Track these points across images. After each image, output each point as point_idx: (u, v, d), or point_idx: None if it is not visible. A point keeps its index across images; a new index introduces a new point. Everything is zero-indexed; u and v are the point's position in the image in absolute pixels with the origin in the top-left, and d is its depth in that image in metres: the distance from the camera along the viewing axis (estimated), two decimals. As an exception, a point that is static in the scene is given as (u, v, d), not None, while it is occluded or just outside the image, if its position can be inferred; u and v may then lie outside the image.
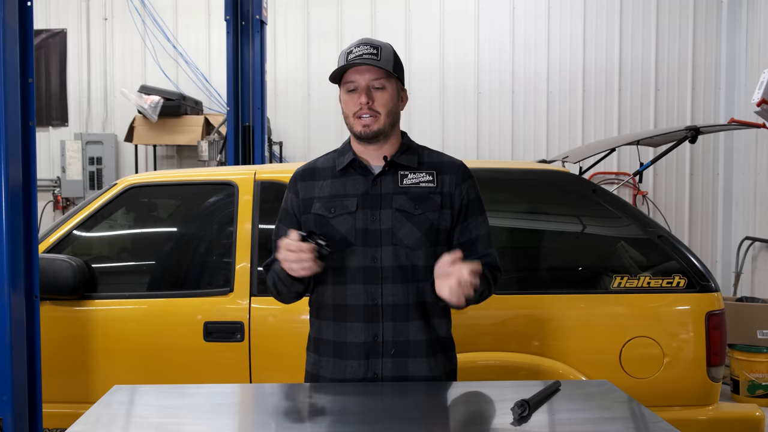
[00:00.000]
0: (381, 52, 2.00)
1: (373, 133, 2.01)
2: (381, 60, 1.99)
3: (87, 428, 1.63)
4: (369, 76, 1.99)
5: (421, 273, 2.01)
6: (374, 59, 1.98)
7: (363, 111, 2.00)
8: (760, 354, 5.12)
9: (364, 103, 1.99)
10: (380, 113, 2.01)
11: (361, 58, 1.97)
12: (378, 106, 2.00)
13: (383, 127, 2.02)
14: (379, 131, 2.01)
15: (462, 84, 7.43)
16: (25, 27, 2.59)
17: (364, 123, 2.00)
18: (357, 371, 2.00)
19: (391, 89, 2.03)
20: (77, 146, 7.49)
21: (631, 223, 3.03)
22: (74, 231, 3.14)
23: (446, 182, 2.07)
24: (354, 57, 1.98)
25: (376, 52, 1.99)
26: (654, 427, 1.65)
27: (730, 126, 4.92)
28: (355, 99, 2.01)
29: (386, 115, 2.01)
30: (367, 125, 2.00)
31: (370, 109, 1.99)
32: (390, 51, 2.04)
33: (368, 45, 2.00)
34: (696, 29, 7.23)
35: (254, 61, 5.37)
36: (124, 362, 2.98)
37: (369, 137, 2.02)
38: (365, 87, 2.00)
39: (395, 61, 2.04)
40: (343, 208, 2.03)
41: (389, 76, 2.02)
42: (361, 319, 2.00)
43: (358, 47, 2.00)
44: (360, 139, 2.04)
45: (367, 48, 1.99)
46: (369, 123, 2.00)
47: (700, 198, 7.29)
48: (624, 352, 2.87)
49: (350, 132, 2.07)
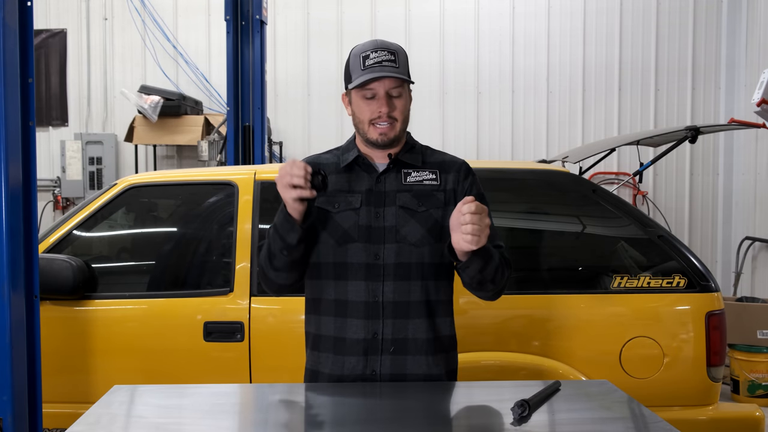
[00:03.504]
0: (398, 58, 1.99)
1: (390, 141, 2.01)
2: (399, 67, 1.98)
3: (87, 428, 1.63)
4: (389, 84, 1.98)
5: (423, 270, 2.01)
6: (394, 67, 1.96)
7: (382, 119, 1.99)
8: (760, 354, 5.12)
9: (385, 113, 1.98)
10: (397, 120, 2.01)
11: (381, 66, 1.96)
12: (396, 113, 2.00)
13: (399, 133, 2.02)
14: (395, 138, 2.02)
15: (462, 84, 7.43)
16: (25, 27, 2.58)
17: (381, 131, 1.99)
18: (355, 367, 1.99)
19: (407, 95, 2.03)
20: (77, 146, 7.49)
21: (631, 223, 3.03)
22: (74, 231, 3.14)
23: (449, 180, 2.07)
24: (373, 63, 1.96)
25: (395, 58, 1.98)
26: (654, 427, 1.65)
27: (730, 126, 4.93)
28: (374, 107, 1.99)
29: (402, 121, 2.02)
30: (383, 133, 1.99)
31: (389, 117, 1.99)
32: (405, 55, 2.03)
33: (385, 50, 1.98)
34: (696, 29, 7.23)
35: (254, 61, 5.37)
36: (124, 362, 2.98)
37: (386, 144, 2.02)
38: (384, 95, 1.98)
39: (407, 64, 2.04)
40: (347, 204, 2.03)
41: (405, 83, 2.01)
42: (362, 316, 1.99)
43: (375, 52, 1.98)
44: (375, 146, 2.03)
45: (385, 54, 1.97)
46: (386, 131, 1.99)
47: (700, 198, 7.29)
48: (624, 352, 2.87)
49: (362, 137, 2.05)
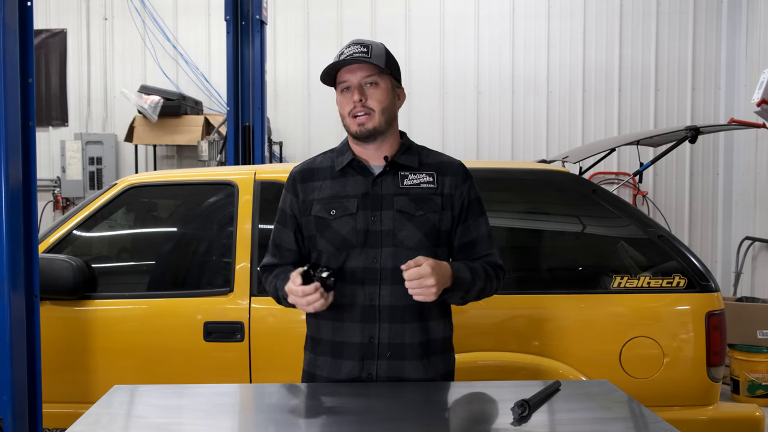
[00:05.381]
0: (372, 50, 1.99)
1: (368, 132, 1.99)
2: (372, 57, 1.97)
3: (87, 428, 1.63)
4: (361, 74, 1.99)
5: None
6: (365, 57, 1.97)
7: (357, 109, 1.98)
8: (760, 354, 5.12)
9: (357, 101, 1.98)
10: (374, 110, 1.99)
11: (351, 57, 1.97)
12: (372, 102, 1.99)
13: (378, 125, 2.00)
14: (374, 129, 1.99)
15: (462, 84, 7.43)
16: (25, 27, 2.58)
17: (359, 122, 1.99)
18: (352, 371, 1.99)
19: (385, 86, 2.01)
20: (77, 146, 7.49)
21: (631, 223, 3.03)
22: (74, 231, 3.14)
23: (446, 183, 2.06)
24: (344, 57, 1.98)
25: (367, 50, 1.98)
26: (654, 427, 1.65)
27: (730, 126, 4.92)
28: (349, 98, 2.00)
29: (381, 112, 1.99)
30: (362, 123, 1.99)
31: (364, 107, 1.98)
32: (381, 48, 2.03)
33: (358, 44, 2.00)
34: (696, 30, 7.23)
35: (254, 61, 5.38)
36: (124, 362, 2.98)
37: (365, 136, 2.00)
38: (357, 84, 1.99)
39: (387, 57, 2.02)
40: (343, 209, 2.02)
41: (382, 73, 2.00)
42: (358, 320, 1.99)
43: (348, 47, 2.00)
44: (357, 139, 2.03)
45: (357, 47, 1.99)
46: (364, 121, 1.98)
47: (700, 198, 7.29)
48: (624, 352, 2.87)
49: (347, 133, 2.06)
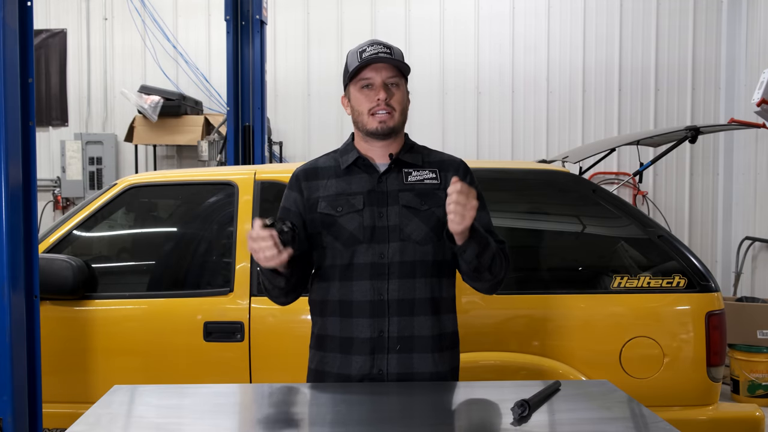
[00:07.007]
0: (394, 52, 2.03)
1: (389, 129, 2.02)
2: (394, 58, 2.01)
3: (87, 428, 1.63)
4: (386, 74, 2.01)
5: (427, 268, 2.02)
6: (390, 57, 2.00)
7: (380, 107, 2.00)
8: (760, 354, 5.12)
9: (383, 99, 2.00)
10: (396, 110, 2.02)
11: (377, 56, 1.99)
12: (394, 102, 2.02)
13: (397, 124, 2.03)
14: (394, 127, 2.03)
15: (462, 84, 7.42)
16: (25, 27, 2.58)
17: (380, 119, 2.01)
18: (363, 367, 2.00)
19: (404, 88, 2.06)
20: (77, 146, 7.49)
21: (631, 223, 3.03)
22: (74, 231, 3.14)
23: (449, 179, 2.06)
24: (369, 55, 1.99)
25: (390, 51, 2.02)
26: (654, 427, 1.65)
27: (730, 126, 4.92)
28: (372, 96, 2.01)
29: (401, 113, 2.04)
30: (383, 121, 2.01)
31: (387, 105, 2.00)
32: (400, 52, 2.07)
33: (381, 45, 2.02)
34: (696, 29, 7.23)
35: (254, 61, 5.37)
36: (124, 362, 2.98)
37: (385, 133, 2.02)
38: (381, 83, 2.01)
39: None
40: (349, 206, 2.03)
41: (402, 75, 2.04)
42: (367, 315, 2.00)
43: (371, 46, 2.02)
44: (374, 136, 2.04)
45: (381, 47, 2.01)
46: (385, 119, 2.01)
47: (700, 198, 7.29)
48: (624, 352, 2.87)
49: (361, 130, 2.06)
